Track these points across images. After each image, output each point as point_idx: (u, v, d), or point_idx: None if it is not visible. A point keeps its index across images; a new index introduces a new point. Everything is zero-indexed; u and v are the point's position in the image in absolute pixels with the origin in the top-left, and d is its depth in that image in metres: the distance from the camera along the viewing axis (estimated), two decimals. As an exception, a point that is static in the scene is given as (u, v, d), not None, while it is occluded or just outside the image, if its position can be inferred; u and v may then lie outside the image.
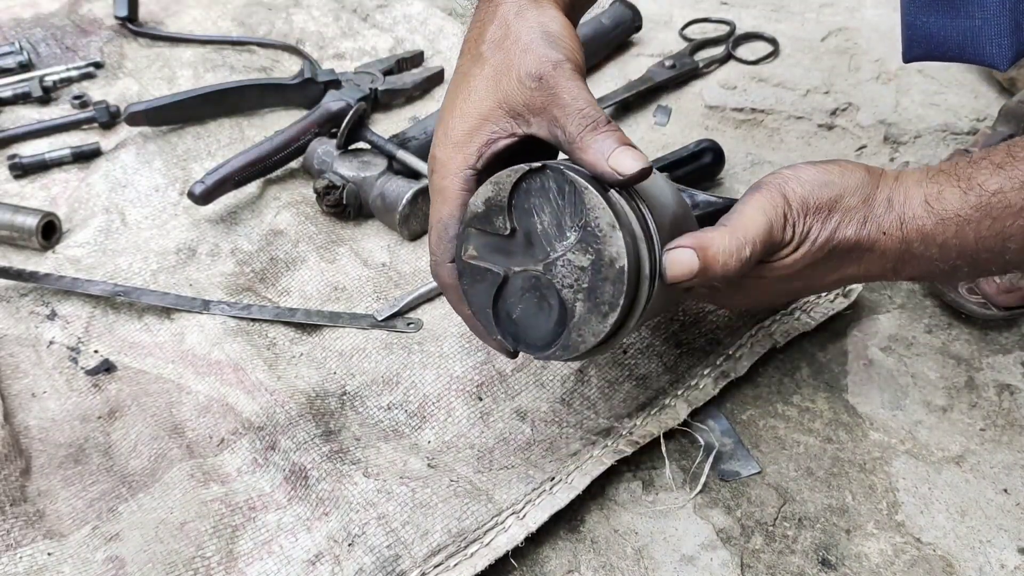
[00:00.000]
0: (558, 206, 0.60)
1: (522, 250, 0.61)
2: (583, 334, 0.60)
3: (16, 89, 1.20)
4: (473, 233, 0.63)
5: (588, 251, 0.59)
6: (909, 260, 0.66)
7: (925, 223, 0.64)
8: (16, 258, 0.99)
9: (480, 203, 0.62)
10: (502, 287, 0.62)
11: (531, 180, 0.60)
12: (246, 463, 0.76)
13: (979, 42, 0.71)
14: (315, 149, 1.05)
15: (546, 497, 0.71)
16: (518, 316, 0.63)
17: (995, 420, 0.79)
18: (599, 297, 0.59)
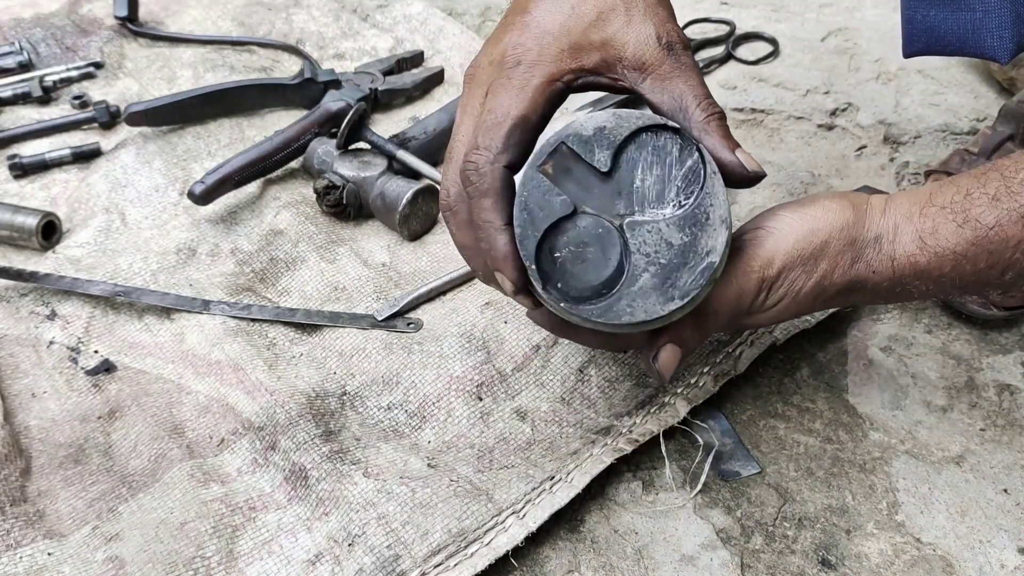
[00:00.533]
0: (670, 173, 0.57)
1: (606, 195, 0.57)
2: (634, 306, 0.57)
3: (16, 89, 1.20)
4: (563, 151, 0.57)
5: (685, 231, 0.56)
6: (902, 292, 0.63)
7: (919, 259, 0.61)
8: (16, 258, 0.99)
9: (591, 127, 0.57)
10: (562, 221, 0.57)
11: (655, 134, 0.57)
12: (246, 463, 0.76)
13: (980, 35, 0.70)
14: (315, 149, 1.05)
15: (546, 496, 0.71)
16: (563, 257, 0.58)
17: (995, 420, 0.79)
18: (674, 280, 0.56)
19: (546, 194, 0.57)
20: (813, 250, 0.62)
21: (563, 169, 0.57)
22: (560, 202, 0.57)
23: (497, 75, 0.61)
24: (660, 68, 0.60)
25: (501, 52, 0.62)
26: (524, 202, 0.58)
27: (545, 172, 0.57)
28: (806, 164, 1.08)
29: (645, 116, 0.57)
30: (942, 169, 0.95)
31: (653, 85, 0.61)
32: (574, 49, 0.61)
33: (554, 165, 0.57)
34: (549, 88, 0.61)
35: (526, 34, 0.61)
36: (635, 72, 0.61)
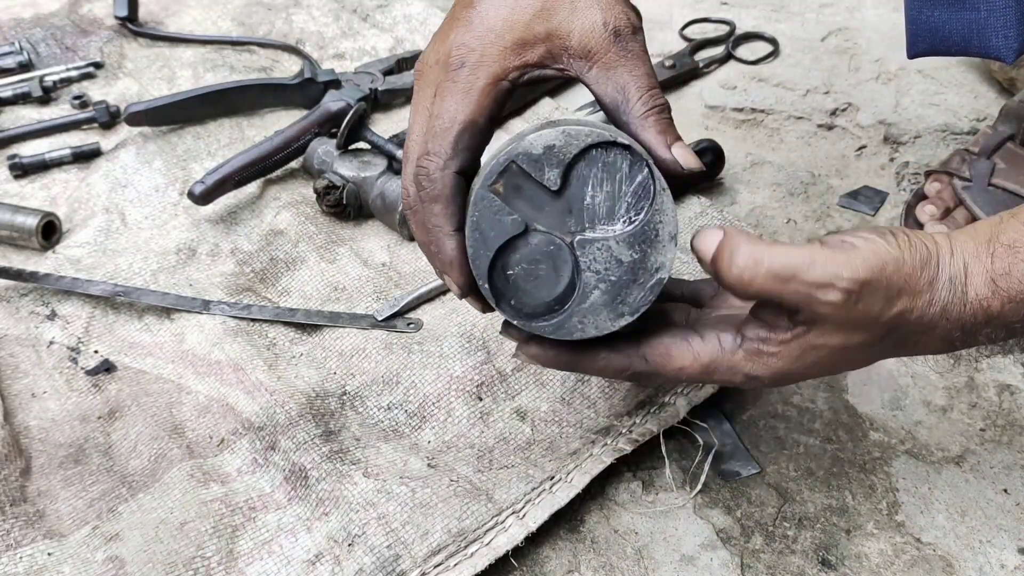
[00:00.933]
0: (620, 189, 0.57)
1: (556, 213, 0.58)
2: (585, 322, 0.58)
3: (16, 89, 1.20)
4: (513, 170, 0.58)
5: (635, 249, 0.57)
6: (966, 339, 0.58)
7: (991, 304, 0.56)
8: (16, 258, 0.99)
9: (540, 145, 0.57)
10: (514, 239, 0.58)
11: (607, 151, 0.57)
12: (246, 463, 0.76)
13: (985, 34, 0.69)
14: (315, 149, 1.05)
15: (546, 496, 0.71)
16: (515, 275, 0.59)
17: (995, 420, 0.79)
18: (623, 297, 0.57)
19: (497, 213, 0.58)
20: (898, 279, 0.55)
21: (514, 187, 0.58)
22: (511, 221, 0.58)
23: (443, 77, 0.60)
24: (605, 56, 0.59)
25: (446, 51, 0.60)
26: (476, 222, 0.58)
27: (496, 191, 0.58)
28: (806, 164, 1.08)
29: (594, 133, 0.57)
30: (942, 169, 0.95)
31: (598, 75, 0.60)
32: (518, 45, 0.60)
33: (504, 184, 0.58)
34: (495, 89, 0.60)
35: (470, 32, 0.60)
36: (581, 61, 0.60)
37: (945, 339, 0.57)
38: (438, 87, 0.60)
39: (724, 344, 0.58)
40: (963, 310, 0.56)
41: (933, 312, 0.56)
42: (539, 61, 0.60)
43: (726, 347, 0.58)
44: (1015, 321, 0.56)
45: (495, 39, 0.59)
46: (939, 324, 0.56)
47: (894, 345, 0.58)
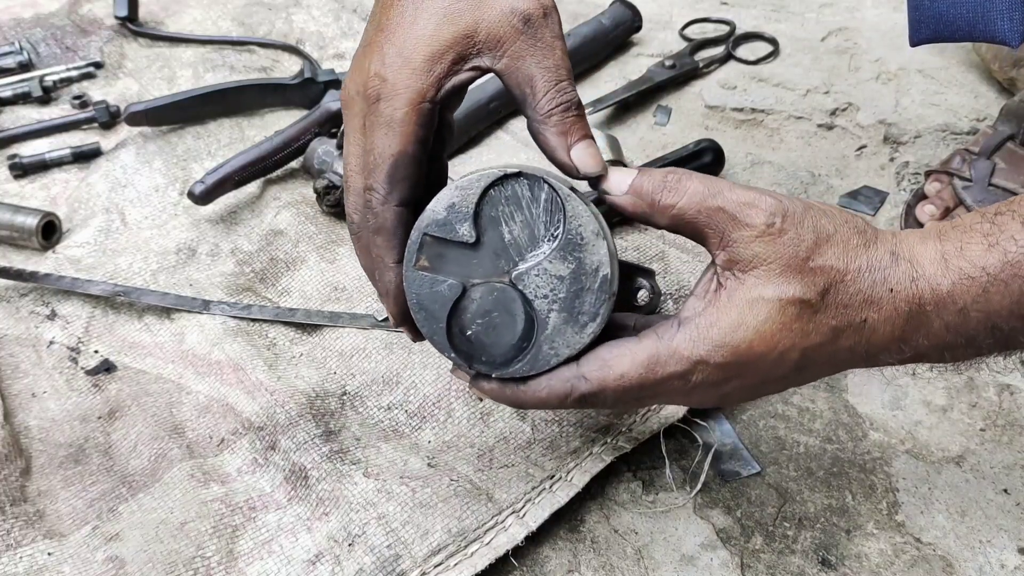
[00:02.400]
0: (531, 214, 0.58)
1: (485, 260, 0.58)
2: (556, 346, 0.58)
3: (16, 89, 1.20)
4: (428, 241, 0.59)
5: (568, 259, 0.57)
6: (919, 329, 0.54)
7: (941, 282, 0.52)
8: (16, 258, 0.99)
9: (442, 209, 0.58)
10: (458, 302, 0.59)
11: (503, 186, 0.58)
12: (246, 463, 0.76)
13: (990, 18, 0.68)
14: (315, 149, 1.05)
15: (546, 496, 0.71)
16: (475, 332, 0.59)
17: (995, 420, 0.79)
18: (578, 307, 0.57)
19: (432, 286, 0.59)
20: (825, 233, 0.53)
21: (436, 256, 0.59)
22: (447, 287, 0.59)
23: (365, 109, 0.59)
24: (514, 46, 0.57)
25: (363, 83, 0.59)
26: (416, 302, 0.59)
27: (422, 267, 0.59)
28: (806, 164, 1.08)
29: (484, 175, 0.57)
30: (942, 169, 0.95)
31: (507, 66, 0.58)
32: (427, 61, 0.57)
33: (427, 257, 0.59)
34: (416, 114, 0.58)
35: (380, 60, 0.58)
36: (490, 54, 0.58)
37: (893, 321, 0.54)
38: (365, 119, 0.60)
39: (662, 333, 0.56)
40: (911, 287, 0.53)
41: (874, 279, 0.53)
42: (450, 70, 0.58)
43: (664, 336, 0.56)
44: (967, 305, 0.52)
45: (403, 64, 0.58)
46: (884, 299, 0.53)
47: (841, 326, 0.54)
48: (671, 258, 0.92)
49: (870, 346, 0.55)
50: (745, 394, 0.58)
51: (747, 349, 0.54)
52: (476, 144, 1.12)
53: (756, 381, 0.56)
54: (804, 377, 0.57)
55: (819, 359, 0.55)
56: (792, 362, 0.55)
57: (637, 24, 1.27)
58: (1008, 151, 0.94)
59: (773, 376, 0.56)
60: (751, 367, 0.55)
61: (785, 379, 0.57)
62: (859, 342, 0.55)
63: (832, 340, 0.54)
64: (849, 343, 0.55)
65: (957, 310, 0.53)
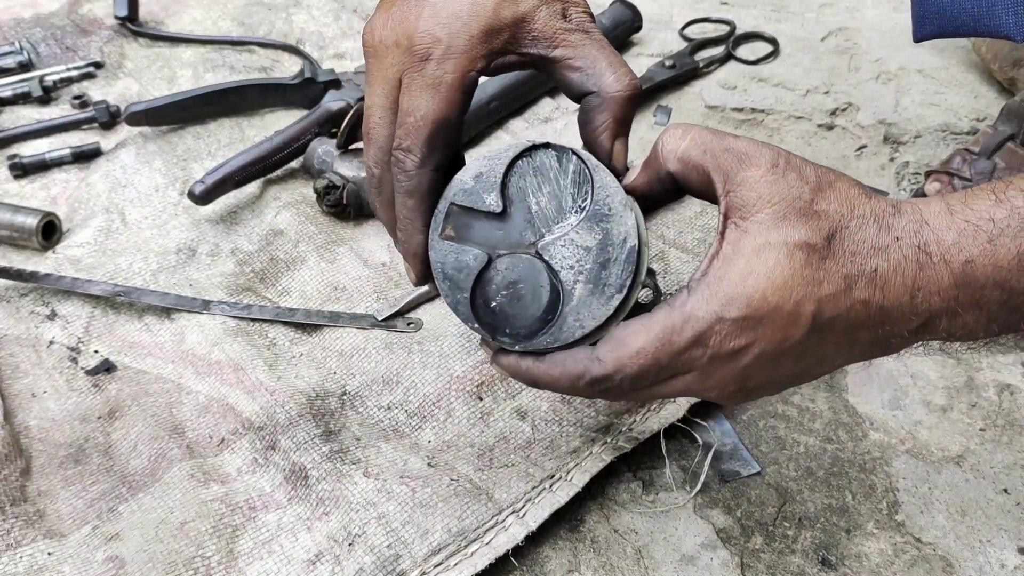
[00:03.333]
0: (558, 185, 0.58)
1: (512, 231, 0.58)
2: (581, 318, 0.57)
3: (16, 89, 1.20)
4: (455, 211, 0.59)
5: (594, 230, 0.57)
6: (930, 283, 0.51)
7: (946, 232, 0.51)
8: (16, 258, 0.99)
9: (469, 179, 0.58)
10: (483, 272, 0.58)
11: (530, 157, 0.58)
12: (246, 463, 0.76)
13: (995, 12, 0.68)
14: (315, 149, 1.05)
15: (546, 495, 0.71)
16: (499, 304, 0.59)
17: (995, 420, 0.79)
18: (604, 278, 0.57)
19: (458, 255, 0.59)
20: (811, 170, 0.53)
21: (463, 226, 0.59)
22: (473, 257, 0.59)
23: (407, 65, 0.58)
24: (571, 36, 0.59)
25: (408, 36, 0.58)
26: (441, 271, 0.59)
27: (448, 237, 0.59)
28: (806, 164, 1.08)
29: (513, 147, 0.58)
30: (942, 169, 0.95)
31: (564, 53, 0.59)
32: (485, 33, 0.58)
33: (453, 226, 0.59)
34: (463, 82, 0.58)
35: (435, 19, 0.58)
36: (545, 43, 0.59)
37: (903, 274, 0.52)
38: (404, 77, 0.59)
39: (673, 303, 0.54)
40: (916, 236, 0.51)
41: (879, 226, 0.52)
42: (503, 48, 0.59)
43: (675, 304, 0.53)
44: (973, 259, 0.50)
45: (461, 28, 0.57)
46: (891, 247, 0.52)
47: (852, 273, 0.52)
48: (671, 258, 0.92)
49: (884, 299, 0.52)
50: (764, 372, 0.54)
51: (761, 299, 0.51)
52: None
53: (775, 347, 0.53)
54: (822, 344, 0.54)
55: (836, 316, 0.52)
56: (809, 316, 0.52)
57: (637, 24, 1.27)
58: (1008, 151, 0.94)
59: (791, 339, 0.52)
60: (767, 323, 0.52)
61: (802, 347, 0.53)
62: (873, 295, 0.52)
63: (846, 291, 0.52)
64: (864, 296, 0.52)
65: (963, 261, 0.51)
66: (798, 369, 0.55)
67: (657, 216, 0.97)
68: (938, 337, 0.54)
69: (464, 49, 0.57)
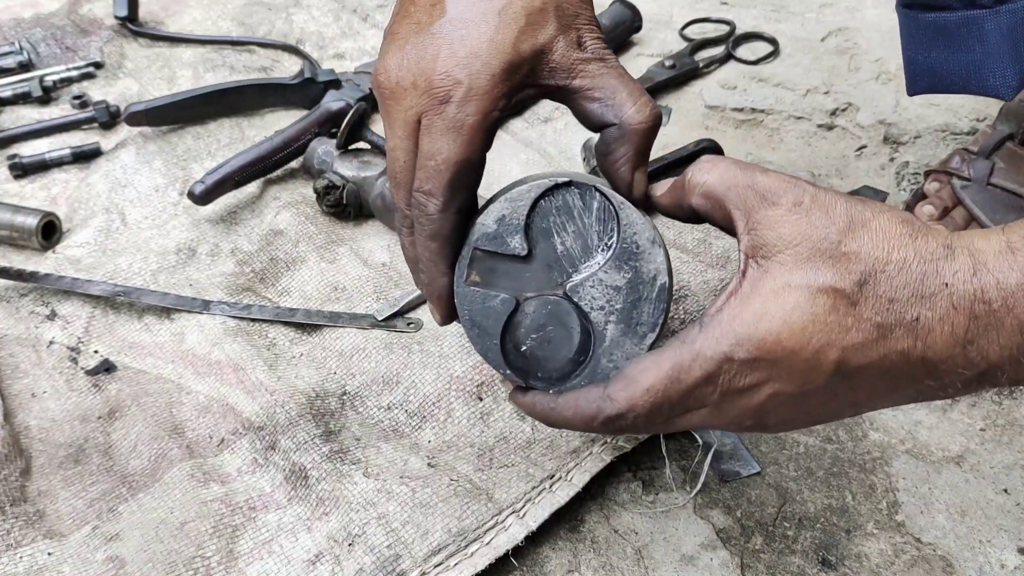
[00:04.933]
0: (583, 224, 0.57)
1: (538, 273, 0.57)
2: (615, 358, 0.56)
3: (16, 89, 1.20)
4: (479, 256, 0.58)
5: (624, 269, 0.56)
6: (987, 331, 0.46)
7: (1008, 274, 0.46)
8: (16, 258, 0.99)
9: (492, 222, 0.57)
10: (511, 316, 0.58)
11: (552, 196, 0.57)
12: (246, 463, 0.76)
13: (982, 75, 0.69)
14: (315, 149, 1.05)
15: (546, 495, 0.71)
16: (529, 348, 0.58)
17: (995, 420, 0.79)
18: (636, 318, 0.56)
19: (485, 301, 0.58)
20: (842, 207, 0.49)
21: (488, 271, 0.58)
22: (500, 302, 0.58)
23: (427, 107, 0.56)
24: (589, 66, 0.58)
25: (426, 78, 0.56)
26: (469, 319, 0.58)
27: (474, 283, 0.58)
28: (806, 164, 1.08)
29: (534, 187, 0.57)
30: (942, 169, 0.95)
31: (583, 84, 0.58)
32: (505, 71, 0.56)
33: (478, 271, 0.58)
34: (486, 123, 0.56)
35: (453, 58, 0.56)
36: (563, 73, 0.58)
37: (954, 321, 0.47)
38: (423, 117, 0.57)
39: (683, 338, 0.52)
40: (972, 280, 0.46)
41: (924, 271, 0.47)
42: (523, 82, 0.57)
43: (686, 340, 0.51)
44: None
45: (482, 68, 0.55)
46: (938, 294, 0.47)
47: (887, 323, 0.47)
48: (671, 259, 0.92)
49: (928, 351, 0.47)
50: (785, 410, 0.52)
51: (775, 342, 0.48)
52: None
53: (793, 389, 0.50)
54: (854, 391, 0.50)
55: (867, 365, 0.49)
56: (832, 364, 0.49)
57: (637, 24, 1.27)
58: (1007, 151, 0.94)
59: (812, 384, 0.50)
60: (782, 367, 0.49)
61: (829, 391, 0.50)
62: (913, 346, 0.47)
63: (878, 340, 0.48)
64: (901, 346, 0.48)
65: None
66: (827, 410, 0.53)
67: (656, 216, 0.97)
68: (1000, 384, 0.50)
69: (486, 90, 0.55)
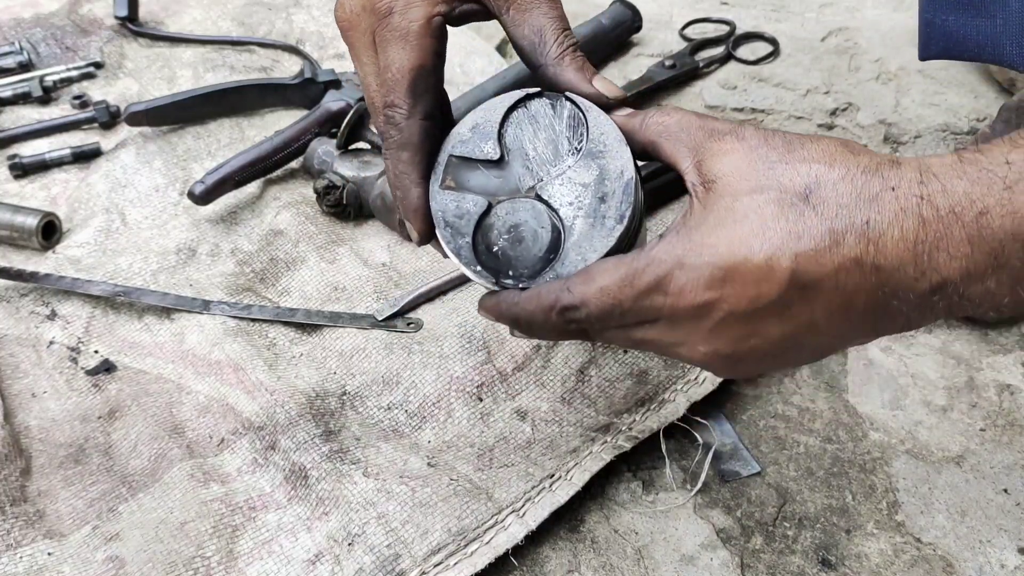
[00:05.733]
0: (554, 131, 0.59)
1: (510, 177, 0.60)
2: (583, 251, 0.57)
3: (16, 89, 1.20)
4: (453, 162, 0.60)
5: (591, 167, 0.58)
6: (938, 242, 0.46)
7: (955, 182, 0.46)
8: (16, 258, 0.99)
9: (466, 130, 0.60)
10: (483, 218, 0.60)
11: (525, 107, 0.60)
12: (246, 463, 0.76)
13: (1000, 42, 0.69)
14: (315, 149, 1.05)
15: (546, 495, 0.71)
16: (501, 248, 0.60)
17: (995, 420, 0.79)
18: (604, 211, 0.58)
19: (458, 203, 0.60)
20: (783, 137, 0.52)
21: (462, 176, 0.60)
22: (473, 203, 0.60)
23: (375, 24, 0.60)
24: None
25: (371, 0, 0.60)
26: (441, 219, 0.60)
27: (448, 187, 0.60)
28: (806, 164, 1.08)
29: (506, 97, 0.60)
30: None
31: (514, 17, 0.60)
32: None
33: (452, 177, 0.60)
34: (430, 28, 0.60)
35: None
36: (500, 1, 0.60)
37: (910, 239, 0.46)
38: (376, 36, 0.60)
39: (645, 249, 0.53)
40: (919, 187, 0.46)
41: (869, 179, 0.48)
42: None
43: (646, 249, 0.53)
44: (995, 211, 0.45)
45: None
46: (886, 198, 0.47)
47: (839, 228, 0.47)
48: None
49: (880, 256, 0.47)
50: (739, 333, 0.51)
51: (727, 250, 0.49)
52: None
53: (746, 305, 0.49)
54: (810, 306, 0.49)
55: (821, 277, 0.48)
56: (785, 272, 0.48)
57: (637, 24, 1.27)
58: (1008, 151, 0.94)
59: (766, 297, 0.49)
60: (736, 277, 0.49)
61: (783, 306, 0.49)
62: (866, 251, 0.47)
63: (831, 247, 0.47)
64: (854, 253, 0.47)
65: (977, 212, 0.45)
66: (786, 335, 0.51)
67: (657, 215, 0.97)
68: (956, 307, 0.48)
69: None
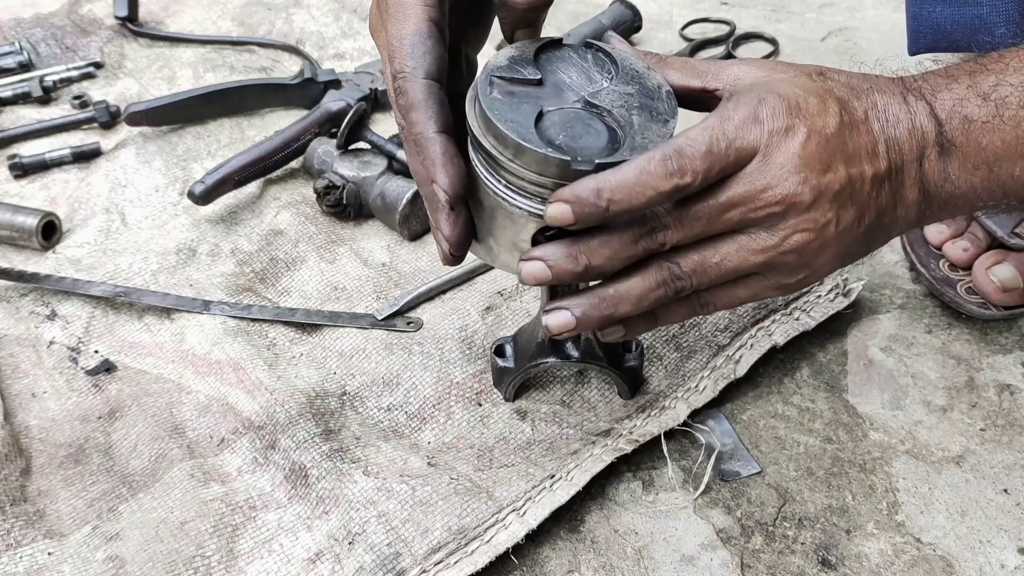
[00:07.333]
0: (583, 66, 0.62)
1: (554, 94, 0.60)
2: (648, 136, 0.58)
3: (16, 89, 1.20)
4: (496, 81, 0.60)
5: (630, 84, 0.60)
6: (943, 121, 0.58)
7: (949, 81, 0.58)
8: (16, 258, 0.99)
9: (504, 59, 0.61)
10: (537, 122, 0.59)
11: (551, 50, 0.62)
12: (246, 462, 0.76)
13: (991, 24, 0.69)
14: (315, 149, 1.05)
15: (546, 494, 0.71)
16: (563, 141, 0.58)
17: (995, 420, 0.79)
18: (654, 110, 0.59)
19: (510, 106, 0.59)
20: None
21: (506, 92, 0.60)
22: (527, 106, 0.59)
23: (385, 16, 0.62)
24: None
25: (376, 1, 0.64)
26: (499, 115, 0.58)
27: (495, 98, 0.59)
28: (806, 164, 1.08)
29: (534, 40, 0.63)
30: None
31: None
32: None
33: (498, 90, 0.60)
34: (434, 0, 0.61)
35: None
36: None
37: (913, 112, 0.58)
38: (385, 26, 0.62)
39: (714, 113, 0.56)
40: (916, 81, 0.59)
41: (875, 79, 0.59)
42: None
43: (717, 109, 0.56)
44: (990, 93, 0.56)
45: None
46: (889, 88, 0.60)
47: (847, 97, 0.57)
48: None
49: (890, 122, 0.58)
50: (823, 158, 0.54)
51: (789, 90, 0.55)
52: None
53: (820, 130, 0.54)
54: (858, 142, 0.56)
55: (855, 117, 0.56)
56: (836, 106, 0.55)
57: (637, 24, 1.27)
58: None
59: (831, 128, 0.55)
60: (804, 108, 0.54)
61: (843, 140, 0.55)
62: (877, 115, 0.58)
63: (858, 94, 0.58)
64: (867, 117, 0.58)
65: (982, 93, 0.56)
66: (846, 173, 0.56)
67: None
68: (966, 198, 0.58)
69: None
